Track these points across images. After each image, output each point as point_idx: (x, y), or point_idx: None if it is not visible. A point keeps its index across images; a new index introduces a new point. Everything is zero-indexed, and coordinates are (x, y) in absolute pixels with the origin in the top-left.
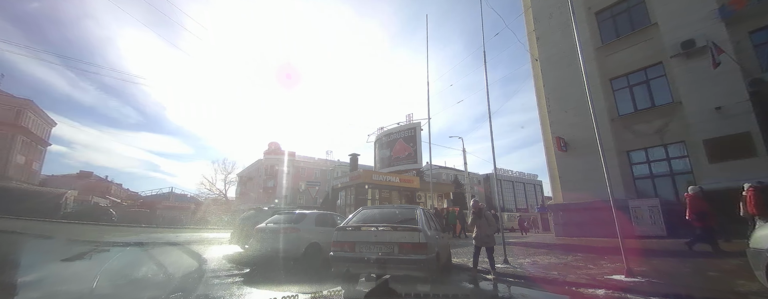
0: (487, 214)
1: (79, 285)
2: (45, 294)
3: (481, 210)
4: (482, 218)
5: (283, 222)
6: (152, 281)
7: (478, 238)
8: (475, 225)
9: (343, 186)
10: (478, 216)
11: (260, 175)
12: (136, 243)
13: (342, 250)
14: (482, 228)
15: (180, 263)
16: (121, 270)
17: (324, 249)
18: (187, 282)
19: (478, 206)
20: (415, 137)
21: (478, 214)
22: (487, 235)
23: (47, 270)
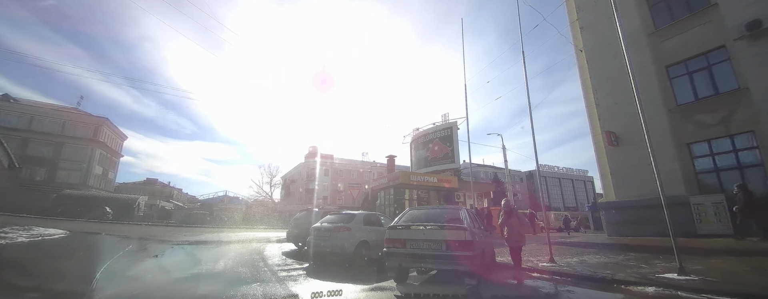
0: (519, 214)
1: (180, 274)
2: (158, 280)
3: (513, 210)
4: (513, 217)
5: (336, 221)
6: (234, 272)
7: (510, 238)
8: (506, 225)
9: (382, 187)
10: (509, 215)
11: (302, 178)
12: (207, 241)
13: (394, 247)
14: (514, 227)
15: (249, 258)
16: (206, 263)
17: (372, 246)
18: (262, 274)
19: (510, 205)
20: (452, 137)
21: (509, 213)
22: (520, 235)
23: (148, 264)
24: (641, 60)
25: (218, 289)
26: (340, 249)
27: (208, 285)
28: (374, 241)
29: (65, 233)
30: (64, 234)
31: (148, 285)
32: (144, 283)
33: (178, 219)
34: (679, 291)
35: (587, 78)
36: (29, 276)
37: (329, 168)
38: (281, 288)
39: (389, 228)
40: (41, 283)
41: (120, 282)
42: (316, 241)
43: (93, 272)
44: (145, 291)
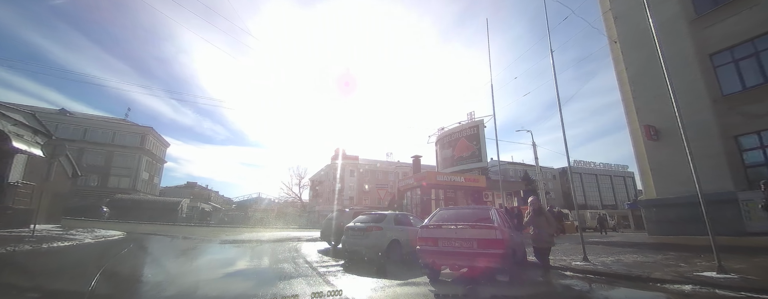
0: (547, 213)
1: (232, 270)
2: (215, 274)
3: (541, 208)
4: (541, 216)
5: (368, 221)
6: (279, 268)
7: (537, 238)
8: (533, 224)
9: (408, 187)
10: (537, 214)
11: (329, 179)
12: (247, 240)
13: (427, 245)
14: (541, 227)
15: (289, 256)
16: (252, 260)
17: (403, 245)
18: (304, 270)
19: (538, 204)
20: (478, 135)
21: (537, 212)
22: (549, 235)
23: (202, 260)
24: (682, 49)
25: (269, 283)
26: (373, 247)
27: (259, 279)
28: (405, 240)
29: (123, 234)
30: (122, 235)
31: (208, 278)
32: (204, 277)
33: (216, 219)
34: (716, 289)
35: (623, 70)
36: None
37: (355, 169)
38: (323, 281)
39: (421, 228)
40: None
41: (182, 277)
42: (350, 240)
43: (157, 268)
44: (208, 283)
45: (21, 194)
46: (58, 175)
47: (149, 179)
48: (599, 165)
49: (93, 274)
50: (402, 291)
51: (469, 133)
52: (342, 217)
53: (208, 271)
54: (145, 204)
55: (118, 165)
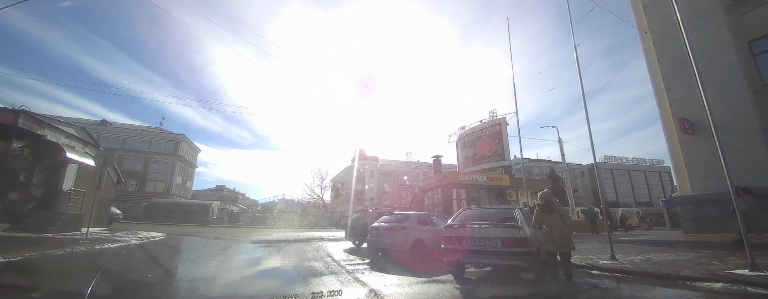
0: (562, 210)
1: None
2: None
3: (553, 204)
4: (554, 214)
5: (392, 221)
6: (310, 266)
7: (549, 240)
8: (544, 224)
9: (430, 187)
10: (549, 211)
11: (350, 180)
12: (276, 240)
13: (451, 244)
14: (553, 226)
15: (317, 255)
16: (284, 259)
17: (426, 244)
18: (333, 268)
19: (548, 198)
20: (501, 133)
21: (548, 209)
22: (562, 237)
23: (239, 259)
24: (718, 37)
25: (304, 280)
26: (397, 246)
27: (293, 276)
28: (428, 239)
29: (164, 235)
30: (163, 236)
31: (247, 276)
32: (243, 274)
33: (244, 221)
34: (748, 287)
35: (655, 61)
36: (158, 265)
37: (375, 170)
38: (352, 278)
39: (446, 227)
40: (170, 271)
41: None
42: (374, 239)
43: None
44: (248, 280)
45: (73, 200)
46: (106, 182)
47: (182, 183)
48: (632, 160)
49: (148, 271)
50: (428, 289)
51: (491, 132)
52: (366, 217)
53: (245, 269)
54: (180, 207)
55: (154, 171)
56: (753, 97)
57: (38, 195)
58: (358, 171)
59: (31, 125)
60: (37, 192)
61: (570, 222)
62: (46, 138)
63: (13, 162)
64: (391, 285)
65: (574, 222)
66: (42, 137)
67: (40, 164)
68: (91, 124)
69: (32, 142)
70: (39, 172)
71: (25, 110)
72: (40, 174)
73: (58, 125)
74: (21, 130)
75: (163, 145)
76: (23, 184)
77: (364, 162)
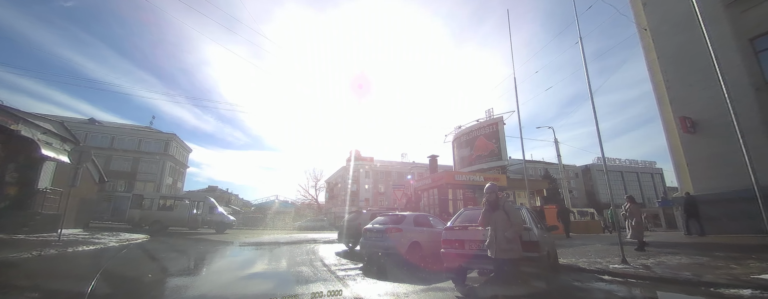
0: (509, 207)
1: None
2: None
3: (497, 201)
4: (498, 211)
5: (387, 223)
6: (297, 272)
7: (490, 244)
8: (488, 224)
9: (425, 187)
10: (493, 207)
11: (344, 181)
12: (266, 242)
13: (452, 247)
14: (497, 226)
15: (307, 258)
16: (270, 263)
17: (423, 247)
18: (322, 274)
19: (494, 193)
20: (498, 133)
21: (492, 205)
22: (506, 240)
23: (221, 263)
24: (719, 34)
25: (287, 288)
26: (392, 249)
27: (276, 283)
28: (425, 242)
29: (146, 237)
30: (145, 238)
31: (226, 282)
32: (222, 280)
33: (236, 222)
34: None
35: (655, 59)
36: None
37: (370, 170)
38: (343, 286)
39: (446, 230)
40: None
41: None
42: (368, 242)
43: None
44: (225, 287)
45: (50, 200)
46: (86, 181)
47: (173, 183)
48: (625, 162)
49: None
50: (426, 297)
51: (487, 131)
52: (360, 218)
53: (225, 275)
54: None
55: (144, 170)
56: (755, 95)
57: (11, 194)
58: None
59: (4, 119)
60: (10, 190)
61: (518, 222)
62: (21, 133)
63: None
64: (385, 295)
65: (520, 223)
66: (16, 132)
67: (13, 161)
68: (78, 122)
69: (5, 138)
70: (12, 170)
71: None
72: (13, 172)
73: (34, 120)
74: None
75: (153, 144)
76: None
77: (359, 163)
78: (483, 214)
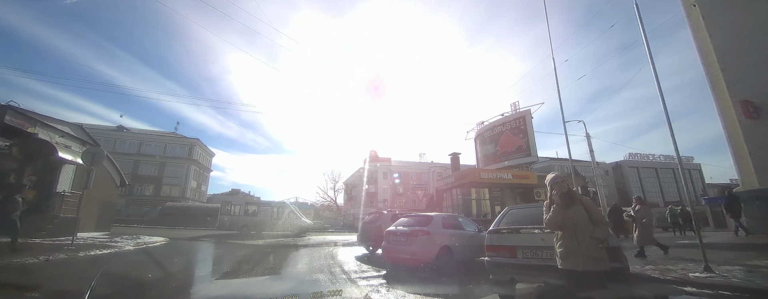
0: (588, 201)
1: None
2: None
3: (572, 193)
4: (575, 207)
5: (412, 224)
6: (314, 279)
7: (570, 251)
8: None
9: (448, 186)
10: (566, 202)
11: (362, 182)
12: (283, 244)
13: (499, 255)
14: (578, 227)
15: (324, 263)
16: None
17: (455, 252)
18: (342, 283)
19: (565, 184)
20: (525, 127)
21: (566, 200)
22: (594, 246)
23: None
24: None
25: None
26: (420, 255)
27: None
28: (457, 246)
29: (166, 240)
30: (164, 241)
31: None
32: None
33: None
34: None
35: (705, 38)
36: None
37: (388, 171)
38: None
39: (491, 233)
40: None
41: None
42: (391, 246)
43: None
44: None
45: (69, 203)
46: (106, 184)
47: (197, 187)
48: (659, 158)
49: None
50: None
51: (513, 126)
52: (380, 220)
53: (235, 283)
54: (193, 210)
55: (170, 175)
56: None
57: (29, 198)
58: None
59: (21, 122)
60: (28, 193)
61: (602, 220)
62: (38, 136)
63: (2, 162)
64: None
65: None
66: (33, 135)
67: (31, 164)
68: (107, 129)
69: (22, 141)
70: (30, 173)
71: (12, 106)
72: (31, 175)
73: (52, 123)
74: (9, 127)
75: (178, 149)
76: (12, 186)
77: (377, 164)
78: (553, 213)
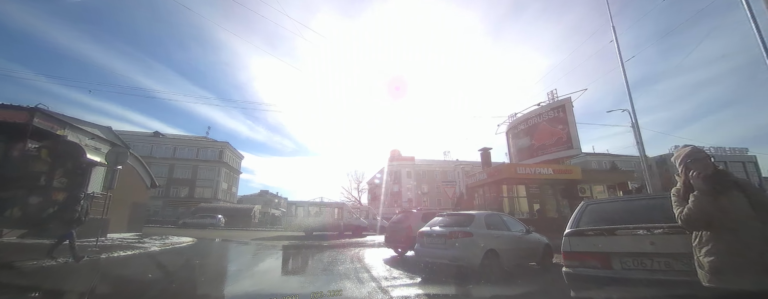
0: (751, 187)
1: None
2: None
3: (726, 176)
4: (732, 194)
5: (450, 225)
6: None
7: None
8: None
9: (480, 183)
10: (717, 189)
11: (386, 182)
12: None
13: (585, 266)
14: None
15: (350, 267)
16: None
17: (502, 258)
18: (370, 290)
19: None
20: (566, 117)
21: (715, 184)
22: None
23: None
24: None
25: None
26: (462, 260)
27: None
28: (504, 250)
29: (193, 241)
30: (192, 241)
31: None
32: None
33: (284, 224)
34: None
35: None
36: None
37: (412, 170)
38: None
39: (572, 236)
40: None
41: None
42: (426, 250)
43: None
44: None
45: (99, 204)
46: (137, 185)
47: (228, 188)
48: (709, 149)
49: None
50: None
51: (551, 116)
52: (409, 220)
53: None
54: (223, 211)
55: (202, 177)
56: None
57: (59, 200)
58: (394, 172)
59: (50, 125)
60: (57, 195)
61: None
62: (67, 138)
63: (32, 164)
64: None
65: None
66: (62, 137)
67: (61, 166)
68: (145, 135)
69: (52, 143)
70: (60, 175)
71: (40, 108)
72: (61, 177)
73: (81, 125)
74: (37, 129)
75: (209, 152)
76: (43, 188)
77: (400, 163)
78: (697, 203)
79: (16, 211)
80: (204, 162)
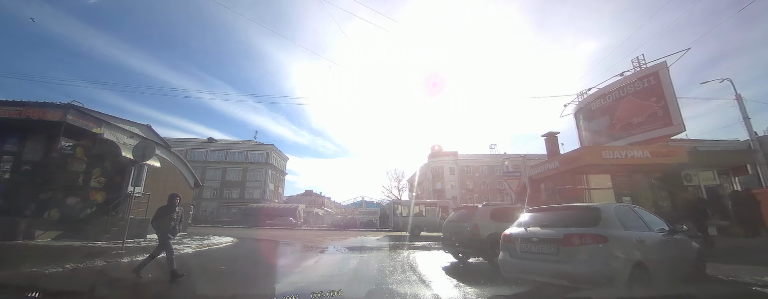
0: None
1: None
2: None
3: None
4: None
5: (556, 224)
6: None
7: None
8: None
9: (547, 174)
10: None
11: (427, 179)
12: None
13: None
14: None
15: (403, 278)
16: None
17: (653, 274)
18: None
19: None
20: (660, 86)
21: None
22: None
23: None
24: None
25: None
26: (592, 279)
27: None
28: (653, 262)
29: (233, 241)
30: (231, 242)
31: None
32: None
33: (328, 223)
34: None
35: None
36: None
37: (454, 166)
38: None
39: None
40: None
41: None
42: (522, 262)
43: None
44: None
45: (139, 204)
46: (180, 185)
47: (275, 189)
48: None
49: None
50: None
51: (640, 87)
52: (475, 217)
53: None
54: (270, 210)
55: (251, 179)
56: None
57: (98, 200)
58: (436, 168)
59: (85, 123)
60: (94, 195)
61: None
62: (104, 137)
63: (70, 163)
64: None
65: None
66: (99, 136)
67: (99, 165)
68: (200, 141)
69: (89, 142)
70: (99, 174)
71: (74, 105)
72: (99, 177)
73: (119, 123)
74: (72, 127)
75: (257, 155)
76: (81, 187)
77: (442, 159)
78: None
79: (54, 213)
80: (252, 164)
